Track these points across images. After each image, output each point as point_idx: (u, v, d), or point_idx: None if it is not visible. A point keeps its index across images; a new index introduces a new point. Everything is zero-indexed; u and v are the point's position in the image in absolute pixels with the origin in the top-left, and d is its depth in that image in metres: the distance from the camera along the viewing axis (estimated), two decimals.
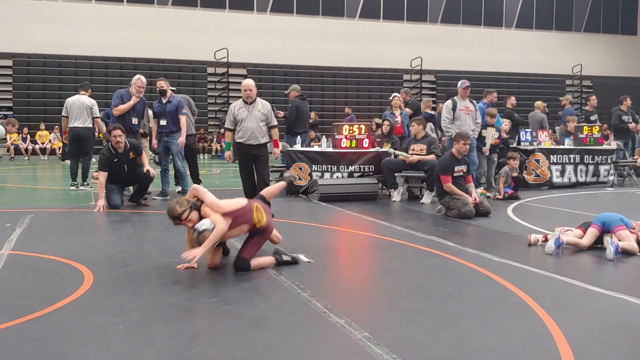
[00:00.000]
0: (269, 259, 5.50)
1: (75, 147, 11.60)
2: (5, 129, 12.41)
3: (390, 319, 4.21)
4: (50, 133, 21.90)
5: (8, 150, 21.72)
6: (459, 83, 10.83)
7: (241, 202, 5.56)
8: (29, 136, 21.81)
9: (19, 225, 7.53)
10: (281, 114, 13.05)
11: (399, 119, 12.30)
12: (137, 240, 6.87)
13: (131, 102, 10.03)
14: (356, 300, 4.64)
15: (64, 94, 22.60)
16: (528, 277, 5.34)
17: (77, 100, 11.38)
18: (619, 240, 6.17)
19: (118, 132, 9.04)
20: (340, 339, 3.77)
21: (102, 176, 9.08)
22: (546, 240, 6.52)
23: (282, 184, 6.93)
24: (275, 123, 8.71)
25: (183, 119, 10.32)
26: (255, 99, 8.48)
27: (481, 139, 11.09)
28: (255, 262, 5.37)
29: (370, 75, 27.16)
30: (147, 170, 9.43)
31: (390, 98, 13.01)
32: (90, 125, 11.33)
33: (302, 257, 5.74)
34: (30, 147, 21.73)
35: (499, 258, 6.00)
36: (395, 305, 4.52)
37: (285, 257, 5.56)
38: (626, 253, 6.10)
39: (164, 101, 10.33)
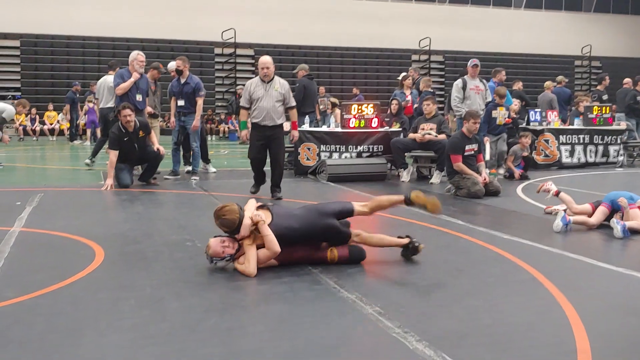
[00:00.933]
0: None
1: (103, 127, 11.59)
2: (16, 110, 12.39)
3: (401, 294, 4.21)
4: (58, 114, 21.91)
5: (17, 131, 21.76)
6: (469, 62, 10.76)
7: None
8: (37, 117, 21.83)
9: (29, 204, 7.56)
10: None
11: (409, 98, 12.23)
12: (148, 219, 6.89)
13: (132, 79, 9.89)
14: (367, 276, 4.64)
15: (71, 74, 22.71)
16: (539, 254, 5.33)
17: (103, 82, 11.34)
18: (628, 220, 6.15)
19: (127, 111, 9.01)
20: (352, 313, 3.77)
21: (113, 155, 9.09)
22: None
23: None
24: (294, 104, 8.31)
25: (200, 101, 10.26)
26: (273, 77, 8.12)
27: (492, 120, 10.89)
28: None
29: (378, 55, 27.02)
30: (157, 149, 9.42)
31: (400, 78, 12.93)
32: (113, 105, 11.22)
33: None
34: (38, 128, 21.76)
35: (509, 236, 5.99)
36: (406, 281, 4.52)
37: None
38: (635, 232, 6.07)
39: (182, 81, 10.27)
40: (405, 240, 5.06)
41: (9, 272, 4.62)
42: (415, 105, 12.19)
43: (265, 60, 8.11)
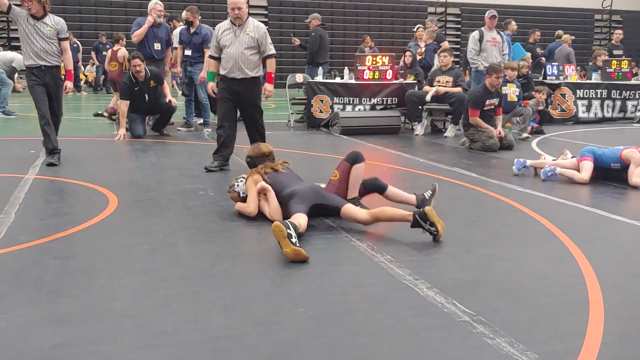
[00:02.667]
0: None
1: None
2: None
3: (413, 244, 4.19)
4: (84, 66, 21.78)
5: None
6: (486, 13, 10.53)
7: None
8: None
9: (43, 152, 7.58)
10: (297, 41, 12.69)
11: (423, 50, 12.03)
12: (160, 168, 6.90)
13: (146, 26, 9.76)
14: (378, 226, 4.62)
15: (99, 25, 22.51)
16: (553, 206, 5.30)
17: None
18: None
19: (137, 61, 8.95)
20: (363, 261, 3.78)
21: (124, 105, 9.08)
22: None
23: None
24: (272, 52, 6.76)
25: (208, 53, 10.13)
26: (247, 19, 6.72)
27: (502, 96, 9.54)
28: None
29: (393, 7, 26.50)
30: (169, 101, 9.38)
31: (415, 29, 12.72)
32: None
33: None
34: None
35: (522, 188, 5.95)
36: (418, 231, 4.49)
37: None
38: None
39: (192, 31, 10.17)
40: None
41: (23, 218, 4.66)
42: (419, 58, 11.97)
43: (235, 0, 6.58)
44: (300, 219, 4.13)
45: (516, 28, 12.07)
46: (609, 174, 6.34)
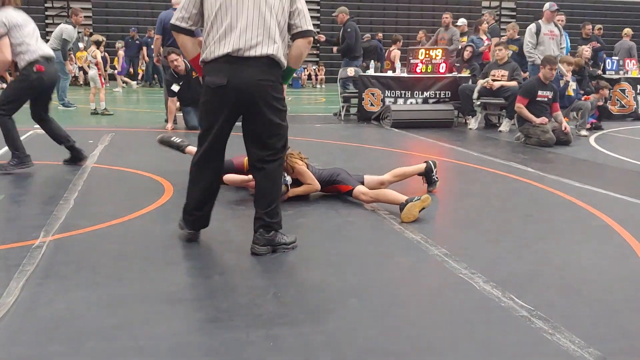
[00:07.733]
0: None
1: None
2: (73, 24, 11.73)
3: (469, 237, 4.12)
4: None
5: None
6: (547, 5, 10.19)
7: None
8: (108, 58, 21.40)
9: (101, 142, 7.76)
10: (323, 38, 12.51)
11: (487, 43, 11.76)
12: None
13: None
14: (433, 219, 4.56)
15: (140, 19, 22.90)
16: (613, 202, 5.13)
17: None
18: None
19: (173, 56, 8.68)
20: (417, 253, 3.73)
21: (171, 102, 9.13)
22: None
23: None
24: (308, 27, 3.60)
25: None
26: None
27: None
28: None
29: (447, 0, 26.14)
30: None
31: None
32: None
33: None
34: (107, 73, 21.96)
35: (581, 184, 5.78)
36: (474, 225, 4.42)
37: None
38: None
39: None
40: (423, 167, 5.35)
41: (82, 204, 4.76)
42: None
43: None
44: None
45: (564, 24, 11.67)
46: None
